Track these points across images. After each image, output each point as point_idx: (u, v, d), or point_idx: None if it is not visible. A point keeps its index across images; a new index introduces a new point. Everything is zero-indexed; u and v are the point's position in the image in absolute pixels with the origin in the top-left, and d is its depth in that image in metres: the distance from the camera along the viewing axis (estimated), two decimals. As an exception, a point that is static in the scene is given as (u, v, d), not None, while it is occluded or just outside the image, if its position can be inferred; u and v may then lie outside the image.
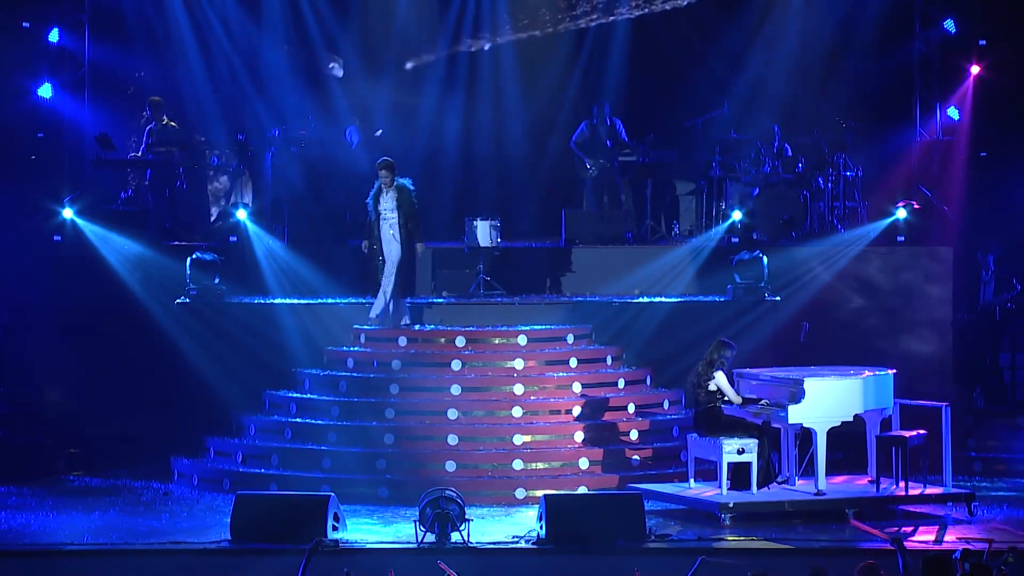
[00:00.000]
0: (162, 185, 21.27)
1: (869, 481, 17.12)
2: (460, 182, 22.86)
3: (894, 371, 17.27)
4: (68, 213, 20.42)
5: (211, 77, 22.49)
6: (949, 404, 17.39)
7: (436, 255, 20.81)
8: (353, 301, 19.65)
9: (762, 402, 16.83)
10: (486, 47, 23.11)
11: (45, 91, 21.53)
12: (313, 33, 22.79)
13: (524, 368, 18.84)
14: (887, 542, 13.16)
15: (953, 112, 22.03)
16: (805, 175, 21.42)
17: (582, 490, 17.28)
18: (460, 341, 19.01)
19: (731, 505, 16.19)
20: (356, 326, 19.50)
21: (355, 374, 18.96)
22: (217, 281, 19.60)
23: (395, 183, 18.98)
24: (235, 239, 20.55)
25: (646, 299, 19.93)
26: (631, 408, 18.78)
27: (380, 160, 19.17)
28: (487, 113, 23.13)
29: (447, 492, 15.46)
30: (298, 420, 18.65)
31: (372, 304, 19.18)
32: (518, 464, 17.88)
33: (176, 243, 20.46)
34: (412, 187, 19.09)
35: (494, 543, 15.32)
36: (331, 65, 22.37)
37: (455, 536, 15.05)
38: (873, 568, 11.70)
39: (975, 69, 21.98)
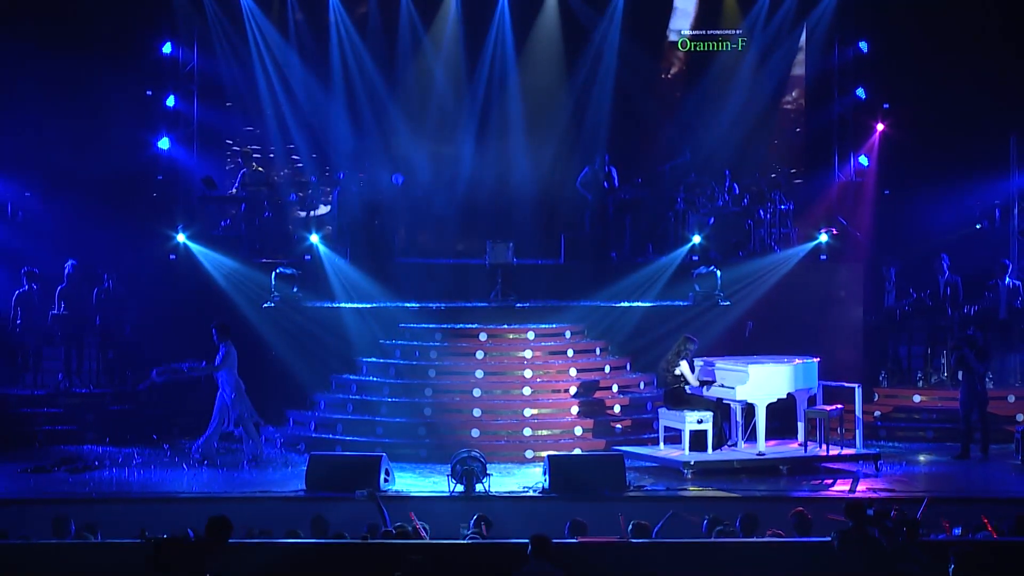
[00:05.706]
0: (252, 216, 21.25)
1: (798, 444, 17.02)
2: (483, 212, 22.72)
3: (818, 359, 17.22)
4: (181, 238, 20.43)
5: (290, 133, 22.49)
6: (860, 384, 17.36)
7: (464, 269, 20.73)
8: (401, 305, 19.58)
9: (715, 384, 16.77)
10: (505, 107, 23.00)
11: (164, 144, 21.65)
12: (369, 99, 22.74)
13: (532, 357, 18.76)
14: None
15: (863, 159, 22.11)
16: (749, 208, 21.35)
17: (577, 451, 17.20)
18: (483, 336, 18.98)
19: (692, 463, 16.16)
20: (402, 324, 19.40)
21: (401, 361, 18.88)
22: (295, 289, 19.53)
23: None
24: (309, 257, 20.50)
25: (627, 303, 19.84)
26: (615, 388, 18.70)
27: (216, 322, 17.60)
28: (505, 159, 23.01)
29: (472, 453, 15.43)
30: (358, 397, 18.58)
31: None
32: (527, 431, 17.82)
33: (263, 260, 20.39)
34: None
35: (509, 492, 15.29)
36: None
37: (479, 487, 15.02)
38: (802, 514, 11.63)
39: (880, 126, 22.09)
